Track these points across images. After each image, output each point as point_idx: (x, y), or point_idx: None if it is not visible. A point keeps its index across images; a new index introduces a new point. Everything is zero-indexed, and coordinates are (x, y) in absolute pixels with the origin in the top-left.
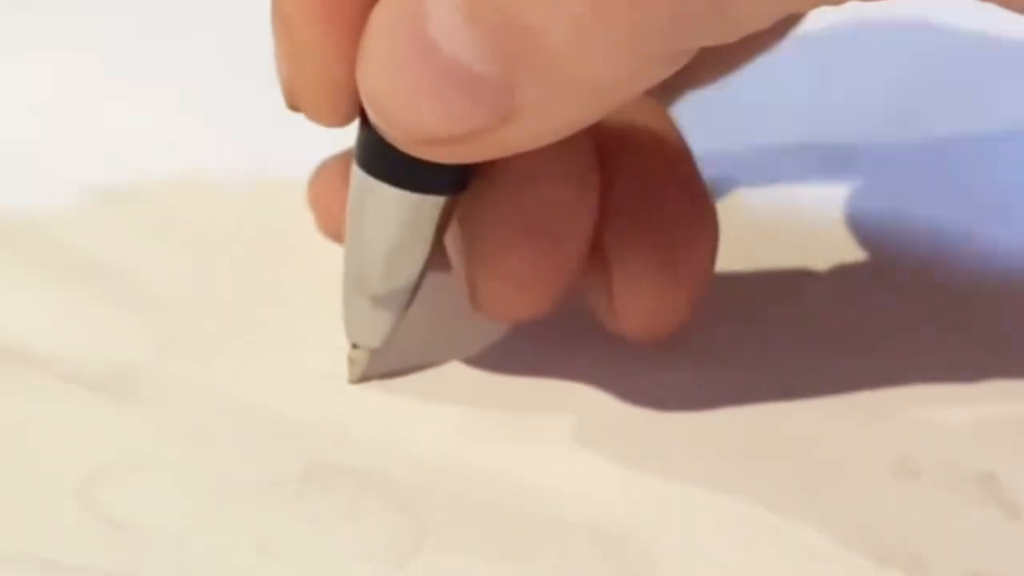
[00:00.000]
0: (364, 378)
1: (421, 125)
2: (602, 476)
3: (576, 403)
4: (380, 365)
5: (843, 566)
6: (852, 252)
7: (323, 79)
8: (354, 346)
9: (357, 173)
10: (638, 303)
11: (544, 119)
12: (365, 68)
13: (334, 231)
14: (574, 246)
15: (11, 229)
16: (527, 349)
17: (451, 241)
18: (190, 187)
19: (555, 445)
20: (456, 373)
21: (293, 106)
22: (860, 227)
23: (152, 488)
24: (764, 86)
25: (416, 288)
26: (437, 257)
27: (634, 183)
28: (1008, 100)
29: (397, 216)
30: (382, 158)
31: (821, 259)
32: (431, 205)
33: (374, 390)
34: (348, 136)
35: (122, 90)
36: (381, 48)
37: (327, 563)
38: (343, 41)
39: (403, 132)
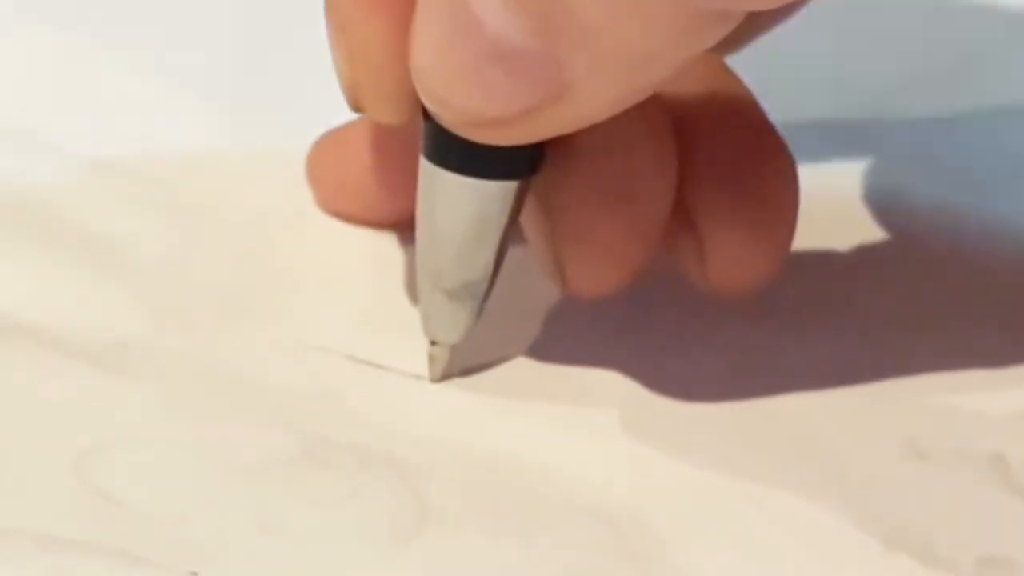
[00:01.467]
0: (445, 376)
1: (474, 107)
2: (606, 457)
3: (580, 385)
4: (460, 361)
5: (851, 549)
6: (869, 232)
7: (384, 77)
8: (432, 343)
9: (425, 166)
10: (730, 258)
11: (596, 93)
12: (415, 53)
13: (332, 205)
14: (657, 212)
15: (6, 203)
16: (529, 332)
17: (530, 222)
18: (188, 162)
19: (559, 426)
20: (459, 349)
21: (356, 107)
22: (874, 206)
23: (150, 464)
24: (778, 62)
25: (493, 279)
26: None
27: (711, 142)
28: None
29: (469, 206)
30: (449, 148)
31: (837, 239)
32: (503, 191)
33: (373, 368)
34: (346, 109)
35: (118, 65)
36: (428, 31)
37: (328, 542)
38: (401, 36)
39: (458, 115)
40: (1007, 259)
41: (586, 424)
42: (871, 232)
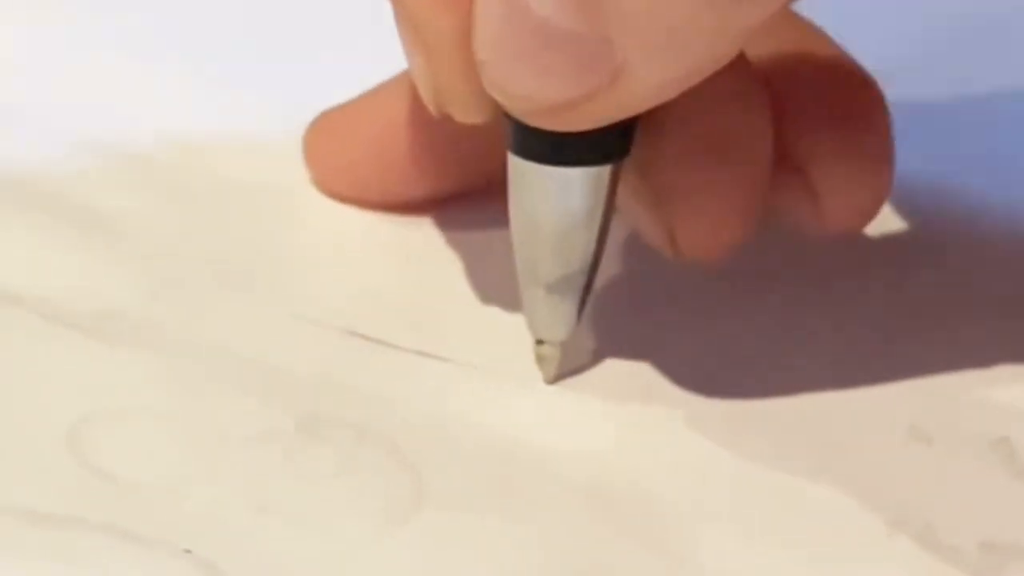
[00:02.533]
0: (558, 376)
1: (534, 93)
2: (606, 437)
3: (579, 365)
4: (572, 359)
5: (854, 532)
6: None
7: (463, 75)
8: (539, 342)
9: (514, 162)
10: (843, 195)
11: (652, 73)
12: (477, 46)
13: (329, 185)
14: (759, 166)
15: (1, 180)
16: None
17: (632, 200)
18: (184, 141)
19: (558, 405)
20: (456, 330)
21: (442, 111)
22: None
23: (144, 438)
24: None
25: (594, 270)
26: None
27: (806, 87)
28: None
29: (561, 196)
30: (535, 141)
31: None
32: (596, 177)
33: (367, 344)
34: (342, 89)
35: (112, 44)
36: (485, 22)
37: (323, 520)
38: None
39: (521, 103)
40: (1013, 244)
41: (585, 403)
42: (875, 218)
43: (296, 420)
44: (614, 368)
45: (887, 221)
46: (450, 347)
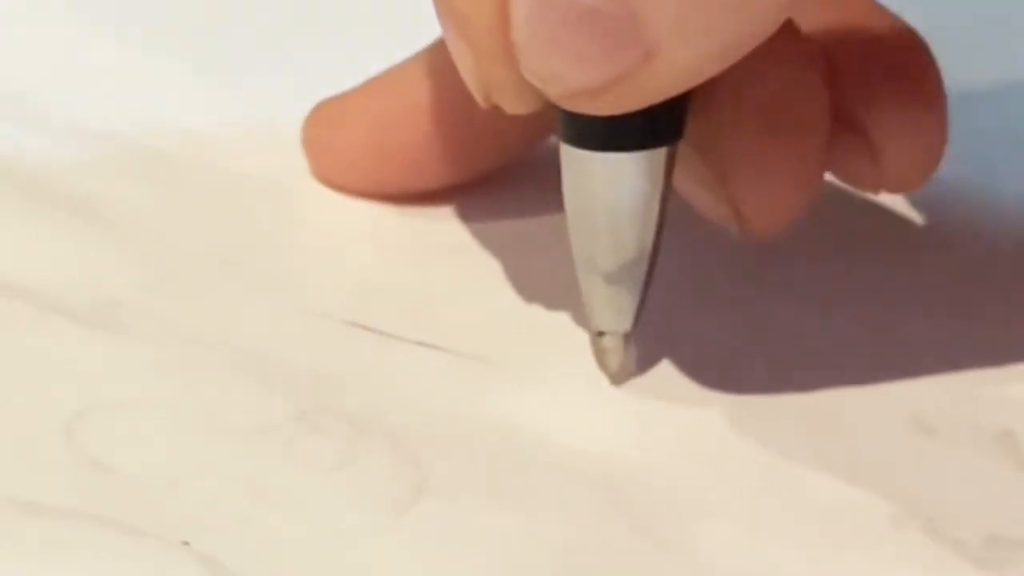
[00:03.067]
0: (623, 369)
1: (570, 76)
2: (609, 427)
3: (585, 351)
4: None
5: (857, 526)
6: (877, 209)
7: (507, 67)
8: (600, 334)
9: (566, 152)
10: (904, 149)
11: (685, 48)
12: (513, 32)
13: (328, 175)
14: (818, 131)
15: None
16: (530, 298)
17: (692, 181)
18: (183, 131)
19: (563, 394)
20: (458, 321)
21: (490, 104)
22: None
23: (142, 429)
24: None
25: (654, 257)
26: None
27: (856, 47)
28: None
29: (617, 183)
30: (587, 129)
31: (844, 217)
32: (651, 162)
33: (368, 335)
34: (342, 80)
35: (112, 34)
36: (517, 6)
37: (322, 511)
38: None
39: (559, 88)
40: (1017, 237)
41: (589, 393)
42: (879, 209)
43: (296, 411)
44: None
45: (893, 214)
46: (451, 338)
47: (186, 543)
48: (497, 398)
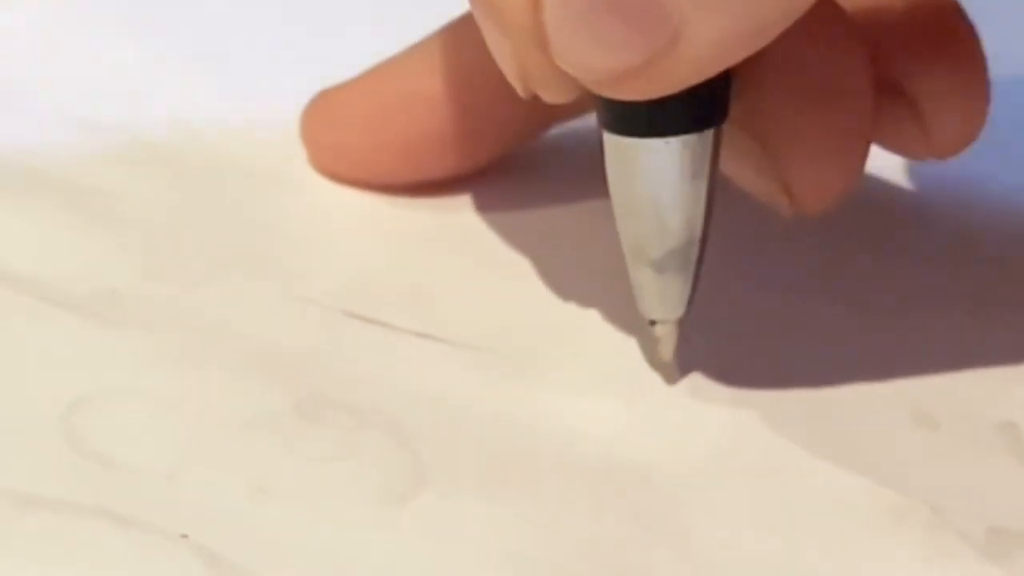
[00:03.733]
0: (675, 357)
1: (599, 62)
2: (611, 418)
3: (585, 343)
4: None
5: (858, 518)
6: (881, 201)
7: (544, 55)
8: (652, 323)
9: (609, 140)
10: (953, 115)
11: (712, 30)
12: (545, 20)
13: (325, 166)
14: (864, 100)
15: None
16: (531, 289)
17: (739, 165)
18: (183, 122)
19: (563, 384)
20: (456, 311)
21: (530, 93)
22: (887, 176)
23: (139, 419)
24: None
25: (704, 241)
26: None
27: (896, 15)
28: None
29: (663, 169)
30: (629, 115)
31: (849, 210)
32: (696, 145)
33: (367, 326)
34: (342, 71)
35: (111, 24)
36: None
37: (321, 503)
38: None
39: (590, 74)
40: (1018, 230)
41: (590, 384)
42: (883, 201)
43: (295, 402)
44: (616, 352)
45: (893, 206)
46: (450, 329)
47: (184, 535)
48: (497, 389)
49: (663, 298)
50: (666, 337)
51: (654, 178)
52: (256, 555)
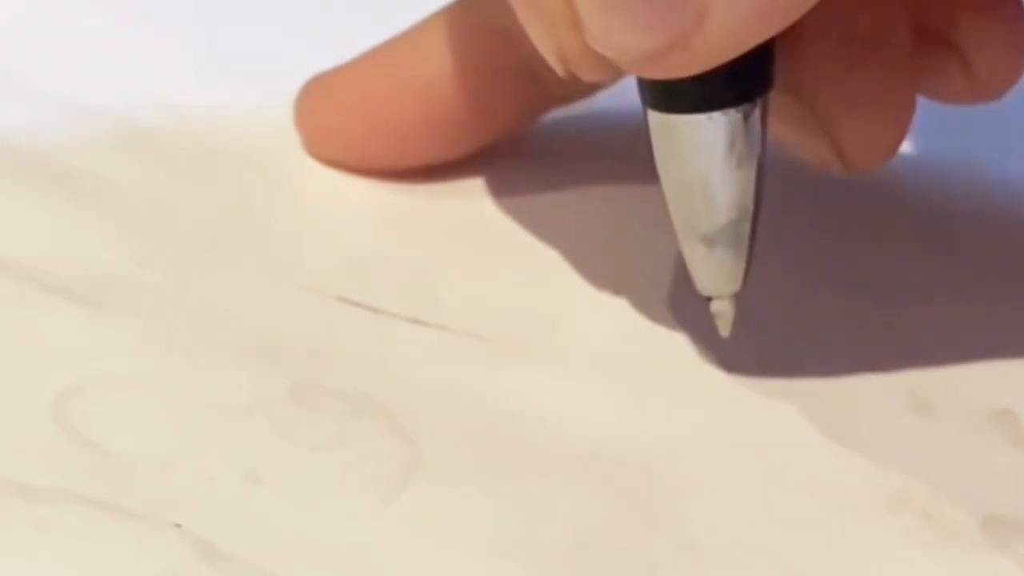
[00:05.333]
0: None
1: (631, 42)
2: (604, 403)
3: (580, 329)
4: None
5: (854, 505)
6: (879, 187)
7: (581, 37)
8: (709, 299)
9: (654, 118)
10: (996, 57)
11: (736, 7)
12: (576, 3)
13: (320, 151)
14: (906, 51)
15: None
16: (526, 275)
17: (789, 131)
18: (177, 107)
19: (558, 372)
20: (451, 298)
21: (570, 73)
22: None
23: (132, 407)
24: None
25: (756, 214)
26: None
27: None
28: None
29: (710, 144)
30: (672, 92)
31: (849, 195)
32: (743, 117)
33: (361, 312)
34: (336, 57)
35: (105, 11)
36: None
37: (316, 491)
38: None
39: (623, 54)
40: (1017, 216)
41: (585, 371)
42: (882, 187)
43: (289, 389)
44: (612, 339)
45: (894, 190)
46: (444, 315)
47: (178, 525)
48: (492, 376)
49: (717, 274)
50: (723, 313)
51: (700, 154)
52: (249, 544)
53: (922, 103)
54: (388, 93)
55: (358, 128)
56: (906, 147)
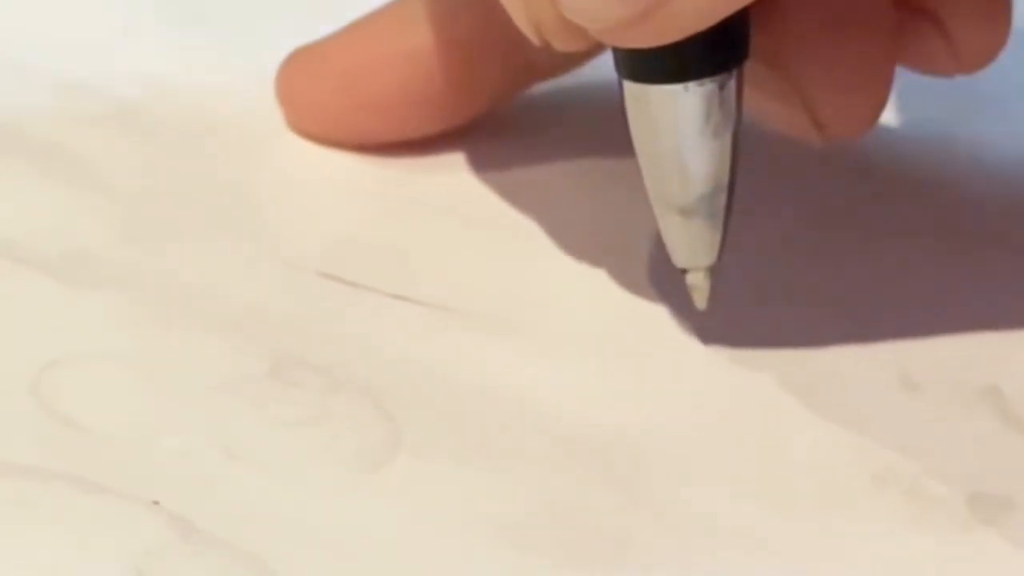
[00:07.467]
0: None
1: (606, 9)
2: (585, 379)
3: (564, 306)
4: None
5: (840, 483)
6: (864, 159)
7: (555, 6)
8: (684, 271)
9: (630, 89)
10: (978, 27)
11: None
12: None
13: (302, 125)
14: (886, 23)
15: None
16: (508, 251)
17: (764, 101)
18: (158, 82)
19: (541, 349)
20: (433, 274)
21: (543, 42)
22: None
23: (111, 385)
24: None
25: (731, 186)
26: None
27: None
28: None
29: (684, 114)
30: (646, 61)
31: (832, 168)
32: (717, 88)
33: (342, 287)
34: (320, 31)
35: None
36: None
37: (296, 467)
38: None
39: (598, 23)
40: (1001, 189)
41: (568, 348)
42: (861, 158)
43: (269, 365)
44: (596, 316)
45: (873, 161)
46: (427, 291)
47: (156, 502)
48: (474, 353)
49: (692, 246)
50: (698, 286)
51: (676, 125)
52: (229, 521)
53: (901, 74)
54: (371, 67)
55: (340, 102)
56: (886, 118)
